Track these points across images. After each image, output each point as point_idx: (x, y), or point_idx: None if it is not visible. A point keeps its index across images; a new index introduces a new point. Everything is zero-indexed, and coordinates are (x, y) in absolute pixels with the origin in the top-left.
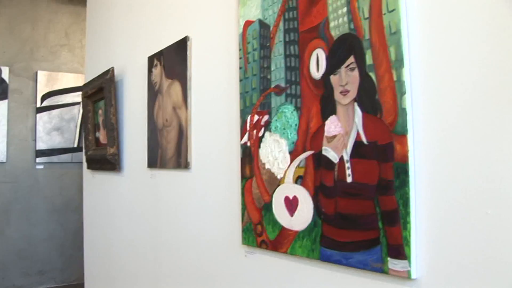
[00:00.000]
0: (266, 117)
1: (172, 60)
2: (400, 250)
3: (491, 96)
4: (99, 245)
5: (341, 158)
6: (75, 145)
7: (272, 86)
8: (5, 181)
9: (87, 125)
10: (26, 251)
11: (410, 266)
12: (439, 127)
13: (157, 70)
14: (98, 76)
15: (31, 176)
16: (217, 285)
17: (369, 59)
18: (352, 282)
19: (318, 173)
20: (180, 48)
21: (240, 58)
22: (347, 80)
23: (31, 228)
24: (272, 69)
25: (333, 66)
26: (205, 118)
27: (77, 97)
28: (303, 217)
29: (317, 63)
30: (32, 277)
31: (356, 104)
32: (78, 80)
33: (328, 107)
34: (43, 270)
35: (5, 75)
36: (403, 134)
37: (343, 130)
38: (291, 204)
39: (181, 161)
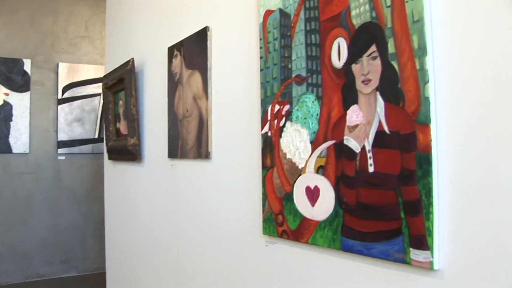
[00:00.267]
0: (287, 107)
1: (192, 51)
2: (422, 241)
3: None
4: (120, 235)
5: (363, 148)
6: (96, 136)
7: (293, 75)
8: (28, 172)
9: (108, 116)
10: (49, 241)
11: (432, 256)
12: (463, 116)
13: (177, 61)
14: (118, 67)
15: (53, 167)
16: (237, 275)
17: (391, 48)
18: (373, 273)
19: (340, 163)
20: (200, 39)
21: (260, 48)
22: (369, 69)
23: (54, 218)
24: (293, 58)
25: (354, 55)
26: (225, 108)
27: (97, 88)
28: (324, 207)
29: (339, 52)
30: (55, 266)
31: (378, 93)
32: (99, 71)
33: (349, 97)
34: (65, 259)
35: (27, 68)
36: (425, 123)
37: (365, 119)
38: (312, 194)
39: (201, 151)
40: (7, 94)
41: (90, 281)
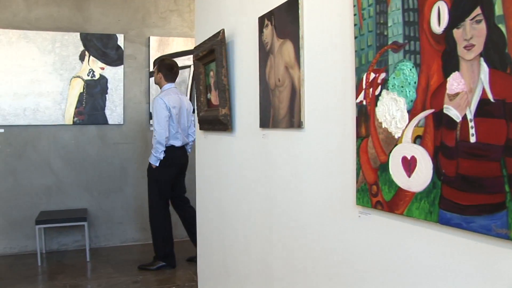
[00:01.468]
0: (383, 75)
1: (284, 20)
2: None
3: None
4: (211, 204)
5: (464, 117)
6: None
7: (389, 43)
8: (122, 142)
9: (199, 87)
10: (142, 208)
11: None
12: None
13: (268, 30)
14: (209, 38)
15: (146, 137)
16: (329, 245)
17: (498, 10)
18: (472, 247)
19: (439, 133)
20: (291, 7)
21: (354, 15)
22: (472, 33)
23: (146, 187)
24: (389, 25)
25: (456, 19)
26: (318, 77)
27: (187, 60)
28: (421, 178)
29: (438, 16)
30: (148, 232)
31: (482, 59)
32: (188, 44)
33: (450, 63)
34: None
35: (121, 42)
36: None
37: (466, 87)
38: (409, 165)
39: (294, 120)
40: (102, 68)
41: (181, 246)
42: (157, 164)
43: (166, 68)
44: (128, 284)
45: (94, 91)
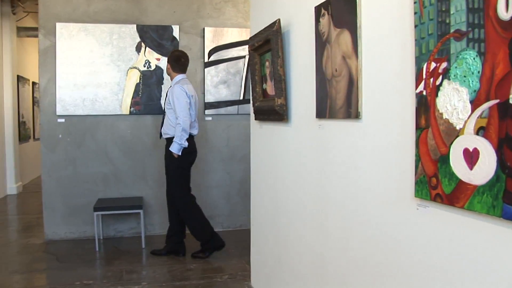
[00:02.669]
0: (444, 64)
1: (341, 9)
2: None
3: None
4: (265, 194)
5: None
6: (241, 98)
7: (452, 31)
8: None
9: (254, 77)
10: (197, 197)
11: None
12: None
13: (324, 20)
14: (264, 28)
15: (200, 127)
16: (386, 237)
17: None
18: None
19: (504, 124)
20: None
21: (415, 2)
22: None
23: (201, 176)
24: (451, 12)
25: None
26: (376, 67)
27: (241, 51)
28: (484, 170)
29: (506, 2)
30: None
31: None
32: (242, 34)
33: None
34: (212, 215)
35: (176, 33)
36: None
37: None
38: (471, 157)
39: (351, 111)
40: (158, 59)
41: (234, 236)
42: (180, 153)
43: (173, 59)
44: (182, 271)
45: (150, 82)
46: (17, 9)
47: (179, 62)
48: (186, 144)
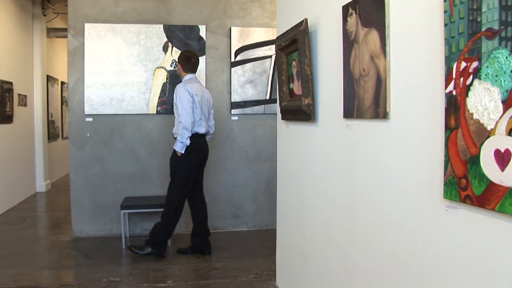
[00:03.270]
0: (475, 64)
1: (369, 8)
2: None
3: None
4: (292, 194)
5: None
6: (267, 97)
7: (483, 29)
8: None
9: (281, 76)
10: (222, 196)
11: None
12: None
13: (352, 19)
14: (291, 28)
15: (227, 127)
16: (413, 238)
17: None
18: None
19: None
20: None
21: (444, 1)
22: None
23: (227, 175)
24: (483, 10)
25: None
26: (405, 67)
27: (268, 50)
28: None
29: None
30: (228, 220)
31: None
32: (269, 34)
33: None
34: (237, 214)
35: (202, 33)
36: None
37: None
38: (503, 158)
39: (379, 111)
40: None
41: (259, 236)
42: (183, 151)
43: (184, 59)
44: (208, 270)
45: (177, 81)
46: (47, 10)
47: (190, 62)
48: (188, 142)
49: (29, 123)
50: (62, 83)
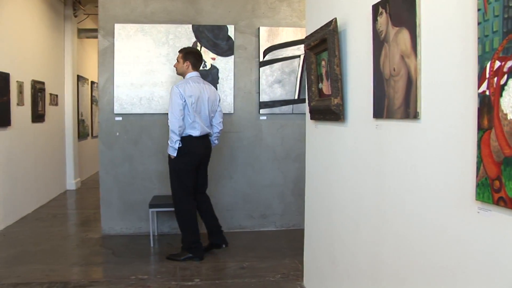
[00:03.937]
0: (509, 63)
1: (399, 7)
2: None
3: None
4: (320, 194)
5: None
6: (296, 97)
7: None
8: (232, 131)
9: (310, 76)
10: (250, 196)
11: None
12: None
13: (382, 18)
14: (320, 28)
15: (255, 126)
16: (445, 240)
17: None
18: None
19: None
20: None
21: None
22: None
23: (255, 175)
24: None
25: None
26: (436, 66)
27: (296, 50)
28: None
29: None
30: (255, 220)
31: None
32: (297, 34)
33: None
34: (264, 214)
35: (231, 33)
36: None
37: None
38: None
39: (409, 111)
40: (213, 59)
41: (286, 236)
42: (174, 154)
43: (195, 57)
44: (235, 269)
45: (206, 81)
46: (78, 11)
47: (200, 60)
48: (177, 145)
49: (60, 122)
50: (92, 82)
